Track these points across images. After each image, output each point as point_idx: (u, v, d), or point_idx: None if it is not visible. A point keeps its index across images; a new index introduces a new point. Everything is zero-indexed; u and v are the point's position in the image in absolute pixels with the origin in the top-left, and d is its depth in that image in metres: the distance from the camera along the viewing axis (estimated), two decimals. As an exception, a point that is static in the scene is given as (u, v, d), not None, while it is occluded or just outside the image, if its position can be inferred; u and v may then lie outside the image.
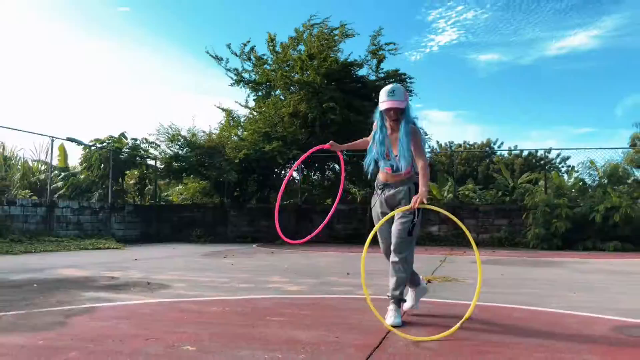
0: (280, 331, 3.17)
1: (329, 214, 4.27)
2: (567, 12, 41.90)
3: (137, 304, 4.22)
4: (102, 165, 15.85)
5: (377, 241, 3.66)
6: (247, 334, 3.11)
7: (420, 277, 3.89)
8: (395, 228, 3.51)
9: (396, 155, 3.56)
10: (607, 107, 48.95)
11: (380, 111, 3.58)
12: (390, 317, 3.35)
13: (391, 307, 3.43)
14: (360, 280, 3.21)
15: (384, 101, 3.51)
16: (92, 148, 16.03)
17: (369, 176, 3.98)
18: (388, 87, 3.57)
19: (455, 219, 3.27)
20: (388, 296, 3.51)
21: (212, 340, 2.93)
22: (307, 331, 3.18)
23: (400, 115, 3.52)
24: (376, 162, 3.71)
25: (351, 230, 14.82)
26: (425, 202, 3.32)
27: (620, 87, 46.43)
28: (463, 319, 3.05)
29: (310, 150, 4.18)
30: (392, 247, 3.50)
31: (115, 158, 15.76)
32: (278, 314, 3.78)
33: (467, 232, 3.25)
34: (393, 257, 3.50)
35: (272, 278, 6.11)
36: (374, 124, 3.68)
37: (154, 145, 16.54)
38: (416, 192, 3.48)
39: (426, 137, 17.92)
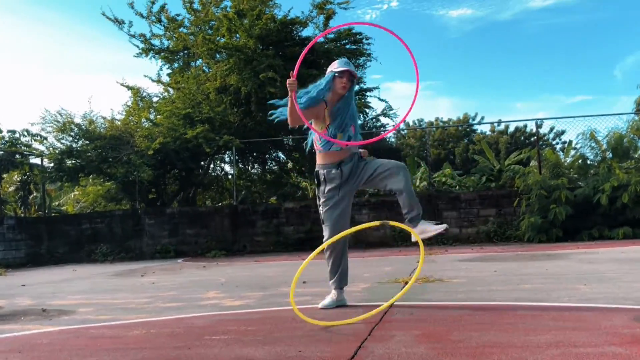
0: (226, 350, 3.11)
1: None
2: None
3: (31, 334, 4.06)
4: (-31, 168, 15.21)
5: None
6: (182, 356, 3.03)
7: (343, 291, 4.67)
8: (379, 162, 4.30)
9: (351, 125, 4.36)
10: (604, 69, 50.73)
11: (332, 78, 4.25)
12: (429, 228, 4.12)
13: (420, 225, 4.14)
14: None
15: (341, 66, 4.26)
16: (-46, 145, 15.34)
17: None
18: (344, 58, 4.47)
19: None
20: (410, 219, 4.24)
21: (136, 367, 2.84)
22: (261, 347, 3.13)
23: (351, 84, 4.28)
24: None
25: (303, 233, 14.77)
26: None
27: (619, 43, 48.17)
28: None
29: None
30: (389, 170, 4.21)
31: (-14, 157, 15.14)
32: (220, 332, 3.72)
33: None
34: (397, 184, 4.17)
35: (207, 294, 6.02)
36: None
37: (39, 138, 15.96)
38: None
39: (391, 112, 18.21)
